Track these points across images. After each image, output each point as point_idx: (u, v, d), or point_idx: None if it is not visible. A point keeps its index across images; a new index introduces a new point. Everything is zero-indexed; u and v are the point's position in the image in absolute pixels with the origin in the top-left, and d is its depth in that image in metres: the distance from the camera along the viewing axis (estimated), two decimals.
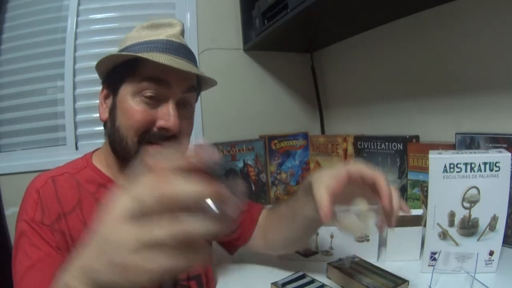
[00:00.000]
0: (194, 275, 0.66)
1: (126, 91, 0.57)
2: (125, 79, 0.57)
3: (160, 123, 0.56)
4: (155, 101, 0.56)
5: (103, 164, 0.62)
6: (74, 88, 1.27)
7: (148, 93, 0.55)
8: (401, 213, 0.51)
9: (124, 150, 0.57)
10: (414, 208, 0.94)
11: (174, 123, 0.56)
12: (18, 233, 0.54)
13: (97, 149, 0.66)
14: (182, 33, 0.63)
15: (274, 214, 0.73)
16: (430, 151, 0.65)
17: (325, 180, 0.51)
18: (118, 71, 0.59)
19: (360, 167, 0.51)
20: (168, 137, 0.57)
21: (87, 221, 0.56)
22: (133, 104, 0.56)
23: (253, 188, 1.31)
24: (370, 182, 0.50)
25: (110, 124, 0.59)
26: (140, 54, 0.55)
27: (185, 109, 0.60)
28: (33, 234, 0.53)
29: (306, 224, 0.63)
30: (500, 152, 0.61)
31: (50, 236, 0.53)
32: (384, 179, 0.49)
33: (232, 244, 0.76)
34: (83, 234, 0.54)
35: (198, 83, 0.66)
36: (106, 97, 0.62)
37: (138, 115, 0.55)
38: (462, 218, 0.62)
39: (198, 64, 0.68)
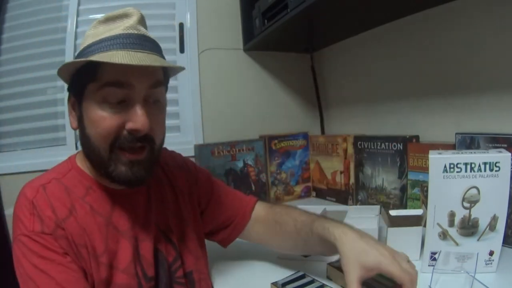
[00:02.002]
0: (187, 271, 0.65)
1: (89, 98, 0.54)
2: (87, 86, 0.54)
3: (129, 125, 0.53)
4: (120, 104, 0.53)
5: (85, 167, 0.61)
6: None
7: (111, 99, 0.53)
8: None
9: (98, 158, 0.55)
10: (414, 208, 0.95)
11: (143, 123, 0.53)
12: (20, 250, 0.52)
13: (80, 151, 0.64)
14: (141, 21, 0.58)
15: (276, 225, 0.72)
16: (430, 151, 0.65)
17: (357, 271, 0.52)
18: (79, 78, 0.56)
19: (393, 269, 0.51)
20: (140, 138, 0.55)
21: (84, 226, 0.55)
22: (98, 111, 0.53)
23: (253, 188, 1.31)
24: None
25: (81, 133, 0.57)
26: (95, 57, 0.51)
27: (154, 105, 0.57)
28: (38, 247, 0.51)
29: (313, 251, 0.70)
30: (500, 152, 0.61)
31: (55, 244, 0.52)
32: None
33: (223, 240, 0.77)
34: (81, 239, 0.54)
35: (165, 74, 0.61)
36: (73, 105, 0.59)
37: (106, 123, 0.53)
38: (462, 218, 0.62)
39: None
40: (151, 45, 0.57)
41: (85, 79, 0.54)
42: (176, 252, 0.65)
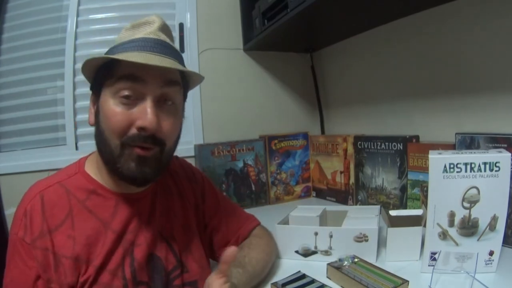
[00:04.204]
0: (190, 281, 0.66)
1: (106, 93, 0.56)
2: (104, 82, 0.57)
3: (138, 123, 0.54)
4: (133, 101, 0.55)
5: (94, 168, 0.62)
6: (74, 88, 1.27)
7: (125, 92, 0.54)
8: None
9: (108, 153, 0.56)
10: (414, 208, 0.95)
11: (150, 121, 0.53)
12: (10, 244, 0.57)
13: (93, 152, 0.65)
14: (162, 28, 0.61)
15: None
16: (430, 151, 0.65)
17: None
18: (98, 75, 0.59)
19: None
20: (148, 138, 0.55)
21: (77, 233, 0.56)
22: (112, 106, 0.55)
23: (253, 188, 1.31)
24: None
25: (96, 127, 0.59)
26: (114, 56, 0.54)
27: (166, 105, 0.58)
28: (15, 249, 0.55)
29: None
30: (500, 152, 0.61)
31: (29, 254, 0.54)
32: None
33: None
34: (67, 250, 0.55)
35: (185, 80, 0.64)
36: (93, 102, 0.61)
37: (117, 117, 0.54)
38: (462, 218, 0.62)
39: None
40: (168, 51, 0.58)
41: (103, 76, 0.57)
42: (177, 260, 0.65)
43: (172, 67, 0.55)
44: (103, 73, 0.57)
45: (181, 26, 1.36)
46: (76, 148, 1.27)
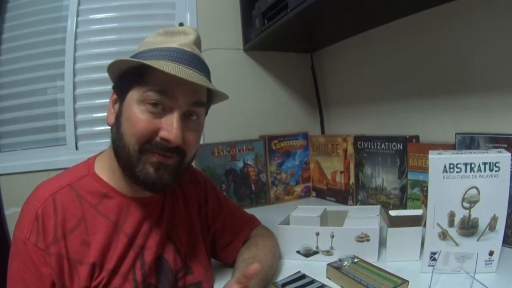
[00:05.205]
0: (194, 282, 0.66)
1: (132, 98, 0.56)
2: (132, 86, 0.56)
3: (163, 134, 0.55)
4: (160, 111, 0.55)
5: (106, 170, 0.61)
6: (74, 88, 1.27)
7: (153, 102, 0.55)
8: None
9: (126, 157, 0.56)
10: (414, 208, 0.95)
11: (176, 136, 0.54)
12: (13, 248, 0.55)
13: (101, 152, 0.65)
14: (196, 42, 0.61)
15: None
16: (430, 151, 0.65)
17: None
18: (126, 77, 0.58)
19: None
20: (170, 148, 0.56)
21: (92, 238, 0.56)
22: (137, 112, 0.55)
23: (253, 188, 1.31)
24: None
25: (115, 130, 0.58)
26: (147, 62, 0.53)
27: (190, 120, 0.59)
28: (26, 255, 0.53)
29: None
30: (500, 152, 0.61)
31: (42, 260, 0.53)
32: None
33: (225, 258, 0.78)
34: (82, 256, 0.55)
35: (209, 97, 0.65)
36: (115, 102, 0.61)
37: (141, 124, 0.54)
38: (462, 218, 0.62)
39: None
40: (201, 66, 0.59)
41: (132, 81, 0.57)
42: (182, 262, 0.66)
43: (205, 85, 0.56)
44: (133, 76, 0.57)
45: (181, 26, 1.36)
46: (76, 148, 1.27)
